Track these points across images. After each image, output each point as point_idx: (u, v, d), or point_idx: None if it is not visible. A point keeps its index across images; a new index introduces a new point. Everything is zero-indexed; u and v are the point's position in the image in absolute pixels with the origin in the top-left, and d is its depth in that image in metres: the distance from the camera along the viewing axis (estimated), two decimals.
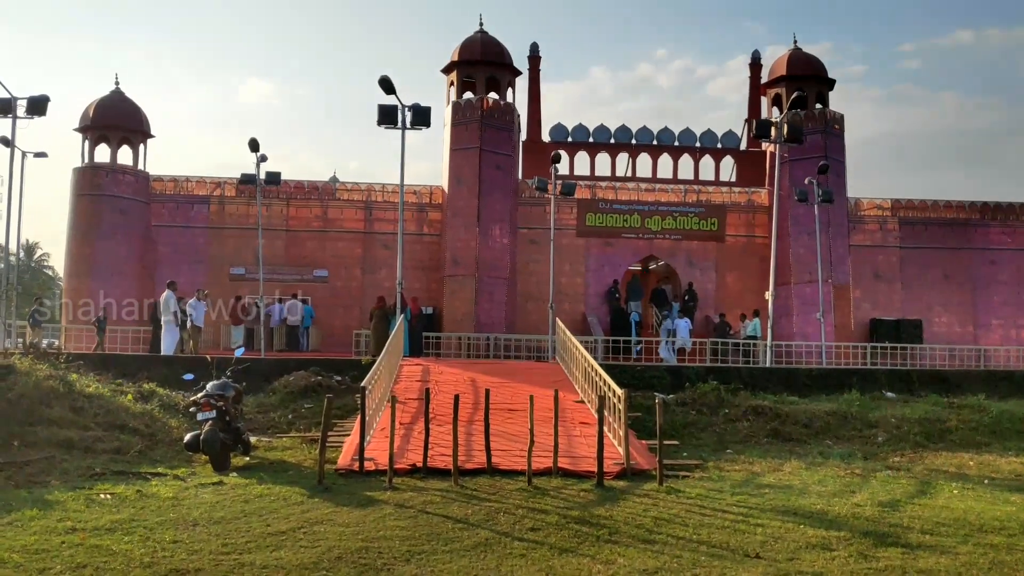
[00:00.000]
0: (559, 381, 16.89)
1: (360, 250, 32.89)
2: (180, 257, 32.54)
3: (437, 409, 14.35)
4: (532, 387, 16.18)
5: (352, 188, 33.24)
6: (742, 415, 16.56)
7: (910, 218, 34.73)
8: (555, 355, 19.40)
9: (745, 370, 20.24)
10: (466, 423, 13.52)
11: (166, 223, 32.76)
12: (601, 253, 33.16)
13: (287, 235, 32.82)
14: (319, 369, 18.51)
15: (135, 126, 32.81)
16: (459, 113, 31.50)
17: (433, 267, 32.66)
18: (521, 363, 21.01)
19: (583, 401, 15.08)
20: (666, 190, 33.71)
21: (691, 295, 32.58)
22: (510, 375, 17.33)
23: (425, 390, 11.77)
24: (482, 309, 30.93)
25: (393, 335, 16.76)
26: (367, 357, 17.49)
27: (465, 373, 17.49)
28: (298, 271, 32.70)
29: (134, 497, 9.43)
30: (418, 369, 18.04)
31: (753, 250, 33.84)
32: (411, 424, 13.51)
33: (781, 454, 14.03)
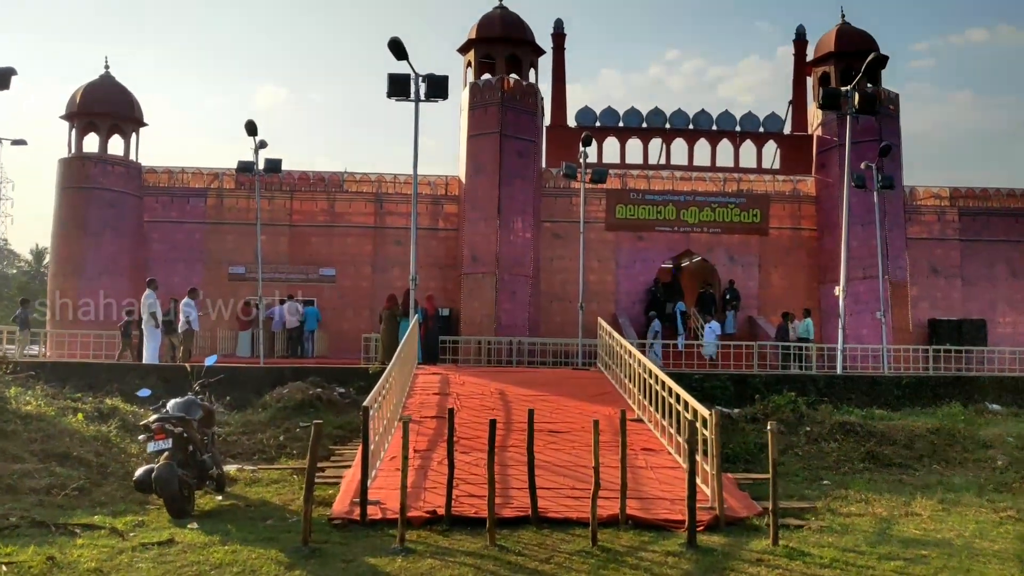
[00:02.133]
0: (606, 394, 14.07)
1: (370, 247, 30.20)
2: (175, 255, 29.98)
3: (461, 431, 11.54)
4: (575, 401, 13.38)
5: (361, 179, 30.53)
6: (828, 434, 13.67)
7: (971, 208, 31.71)
8: (596, 362, 16.61)
9: (822, 378, 17.31)
10: (499, 450, 10.71)
11: (160, 218, 30.22)
12: (632, 248, 30.34)
13: (291, 231, 30.18)
14: (319, 379, 15.76)
15: (126, 113, 30.24)
16: (477, 95, 28.75)
17: (449, 264, 29.92)
18: (557, 371, 18.19)
19: (641, 420, 12.24)
20: (703, 179, 30.84)
21: (732, 294, 29.74)
22: (546, 387, 14.51)
23: (448, 409, 8.96)
24: (503, 310, 28.14)
25: (405, 340, 13.98)
26: (375, 365, 14.79)
27: (491, 384, 14.69)
28: (303, 270, 30.04)
29: (40, 570, 6.65)
30: (435, 379, 15.24)
31: (799, 244, 30.96)
32: (429, 451, 10.71)
33: (892, 486, 11.18)
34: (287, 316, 27.78)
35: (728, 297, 29.74)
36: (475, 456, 10.46)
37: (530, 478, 8.36)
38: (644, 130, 31.23)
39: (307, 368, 16.65)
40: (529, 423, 8.45)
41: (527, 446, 8.49)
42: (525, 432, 11.25)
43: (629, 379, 13.31)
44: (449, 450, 8.38)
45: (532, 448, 8.46)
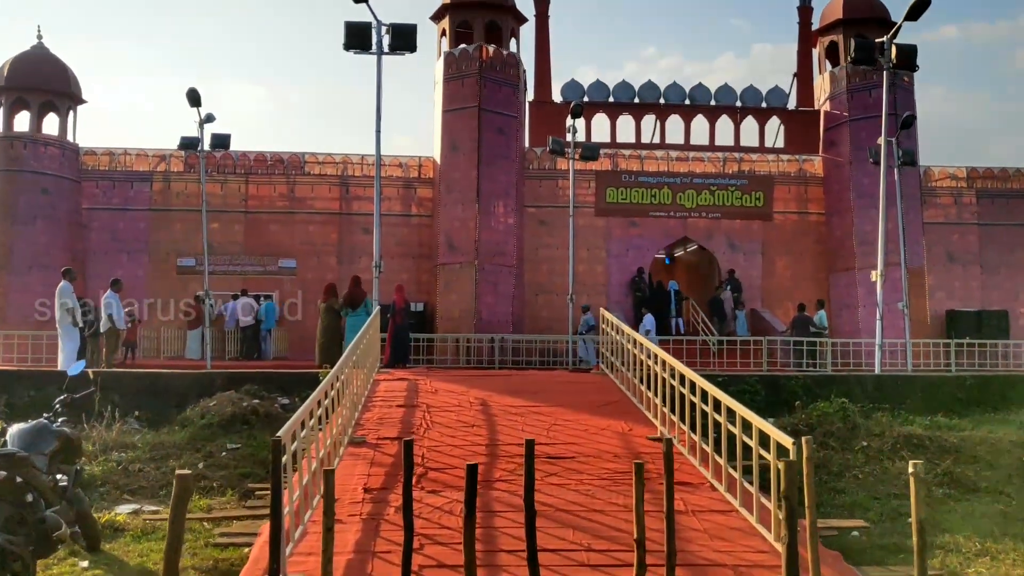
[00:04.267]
0: (614, 404, 11.25)
1: (335, 235, 27.26)
2: (117, 246, 26.91)
3: (431, 458, 8.69)
4: (577, 414, 10.55)
5: (324, 160, 27.55)
6: (890, 450, 10.99)
7: (989, 190, 29.17)
8: (599, 362, 13.80)
9: (870, 380, 14.57)
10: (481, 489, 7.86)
11: (100, 205, 27.13)
12: (625, 235, 27.56)
13: (246, 218, 27.17)
14: (257, 388, 12.84)
15: (61, 88, 27.06)
16: (453, 66, 25.86)
17: (423, 254, 27.04)
18: (550, 375, 15.31)
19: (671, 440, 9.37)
20: (702, 159, 28.12)
21: (734, 285, 27.02)
22: (538, 395, 11.67)
23: (405, 442, 6.09)
24: (484, 304, 25.30)
25: (360, 337, 11.06)
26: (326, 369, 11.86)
27: (470, 392, 11.82)
28: (260, 261, 27.04)
29: None
30: (401, 387, 12.35)
31: (806, 229, 28.33)
32: (385, 491, 7.85)
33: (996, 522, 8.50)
34: (240, 313, 24.86)
35: (729, 288, 27.01)
36: (449, 498, 7.62)
37: (529, 548, 5.51)
38: (636, 106, 28.47)
39: (245, 374, 13.71)
40: (527, 461, 5.58)
41: (525, 495, 5.64)
42: (516, 461, 8.43)
43: (647, 384, 10.48)
44: (406, 504, 5.51)
45: (532, 501, 5.60)
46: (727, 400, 7.49)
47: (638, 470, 5.25)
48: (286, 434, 6.14)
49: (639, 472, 5.24)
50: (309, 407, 7.41)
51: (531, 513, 5.48)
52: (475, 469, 5.13)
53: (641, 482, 5.25)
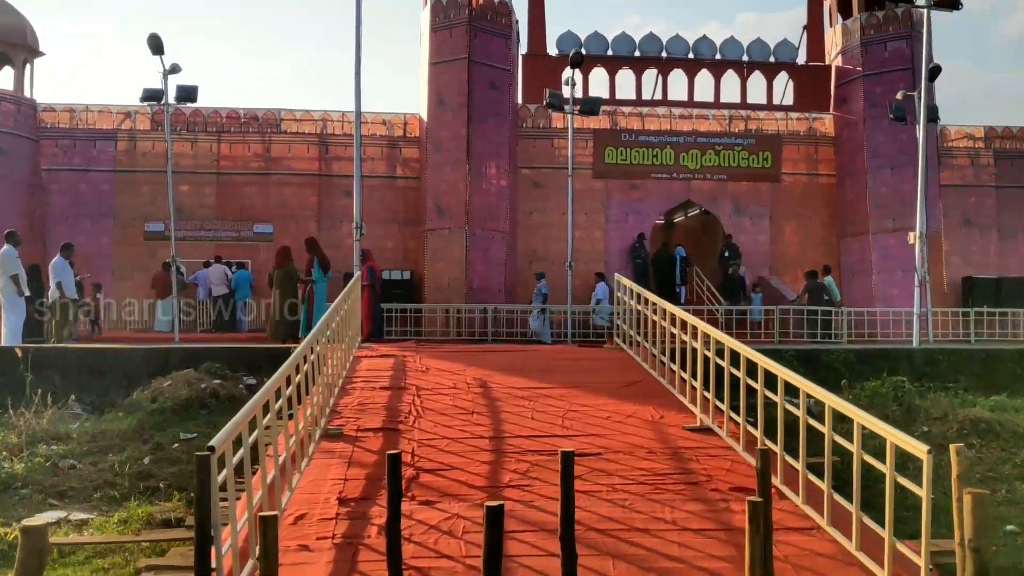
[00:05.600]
0: (637, 384, 9.61)
1: (315, 198, 25.40)
2: (79, 210, 24.93)
3: (422, 457, 7.05)
4: (596, 397, 8.93)
5: (302, 118, 25.61)
6: (956, 435, 9.41)
7: (1008, 151, 27.57)
8: (615, 335, 12.14)
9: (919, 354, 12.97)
10: (490, 495, 6.24)
11: (60, 165, 25.10)
12: (624, 199, 25.84)
13: (218, 180, 25.24)
14: (220, 366, 11.13)
15: (16, 40, 24.95)
16: (440, 14, 23.91)
17: (410, 219, 25.24)
18: (556, 349, 13.63)
19: (710, 429, 7.77)
20: (706, 117, 26.36)
21: (731, 250, 25.34)
22: (546, 374, 10.03)
23: (389, 456, 4.44)
24: (475, 272, 23.58)
25: (338, 305, 9.33)
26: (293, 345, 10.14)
27: (467, 371, 10.17)
28: (234, 226, 25.17)
29: None
30: (386, 364, 10.66)
31: (816, 192, 26.71)
32: (365, 502, 6.19)
33: None
34: (212, 282, 23.07)
35: (727, 255, 25.34)
36: (446, 511, 5.96)
37: None
38: (637, 59, 26.65)
39: (205, 350, 11.98)
40: (565, 487, 3.90)
41: (562, 531, 3.97)
42: (528, 459, 6.79)
43: (677, 362, 8.83)
44: (391, 545, 3.83)
45: (571, 537, 3.93)
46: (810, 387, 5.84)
47: (753, 511, 3.58)
48: (224, 442, 4.44)
49: (755, 513, 3.57)
50: (267, 395, 5.72)
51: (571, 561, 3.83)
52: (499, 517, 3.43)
53: (758, 529, 3.59)
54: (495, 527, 3.30)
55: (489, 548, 3.25)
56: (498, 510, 3.35)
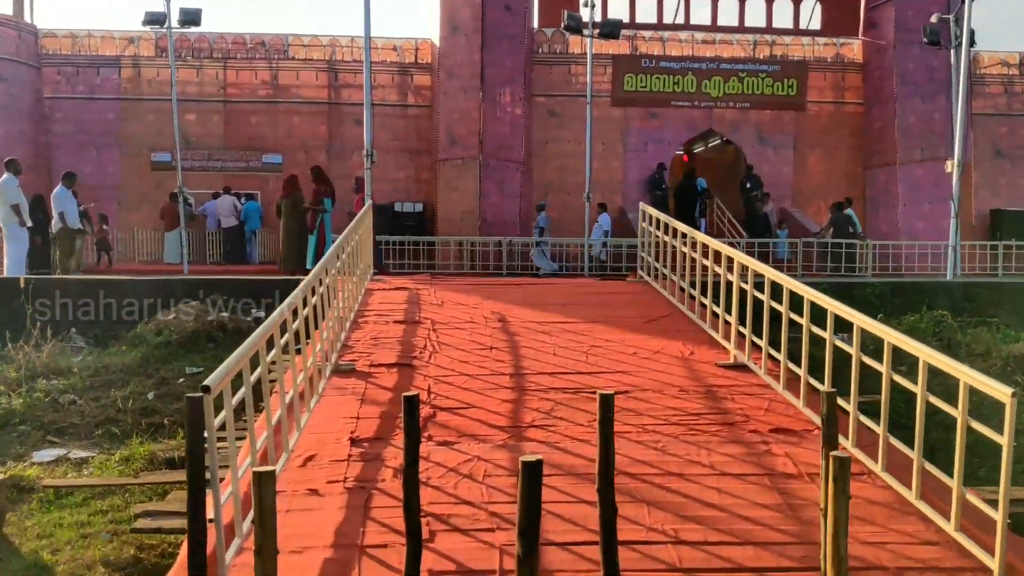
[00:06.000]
0: (665, 318, 9.13)
1: (324, 127, 24.68)
2: (84, 139, 24.30)
3: (439, 395, 6.64)
4: (621, 332, 8.49)
5: (310, 43, 24.75)
6: (1002, 373, 8.95)
7: None
8: (639, 268, 11.60)
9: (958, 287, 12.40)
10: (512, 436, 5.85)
11: (63, 94, 24.43)
12: (644, 128, 25.00)
13: (225, 108, 24.52)
14: (229, 297, 10.72)
15: None
16: None
17: (421, 149, 24.54)
18: (577, 283, 13.12)
19: (745, 366, 7.30)
20: (730, 42, 25.33)
21: (752, 181, 24.57)
22: (567, 308, 9.56)
23: (407, 398, 4.02)
24: (489, 204, 22.97)
25: (349, 234, 8.82)
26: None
27: (484, 304, 9.71)
28: (242, 156, 24.55)
29: None
30: (400, 297, 10.21)
31: (842, 121, 25.79)
32: (380, 442, 5.78)
33: None
34: (222, 213, 22.60)
35: (748, 187, 24.59)
36: (466, 453, 5.55)
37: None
38: None
39: (212, 281, 11.56)
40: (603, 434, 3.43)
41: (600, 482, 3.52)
42: (552, 397, 6.37)
43: (709, 295, 8.31)
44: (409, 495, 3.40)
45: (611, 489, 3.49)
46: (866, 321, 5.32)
47: (839, 469, 3.08)
48: (222, 381, 3.99)
49: (841, 471, 3.08)
50: (271, 329, 5.26)
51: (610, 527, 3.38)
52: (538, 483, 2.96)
53: (843, 488, 3.11)
54: (533, 483, 2.84)
55: (528, 508, 2.79)
56: (536, 466, 2.88)
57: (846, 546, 3.17)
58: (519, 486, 2.84)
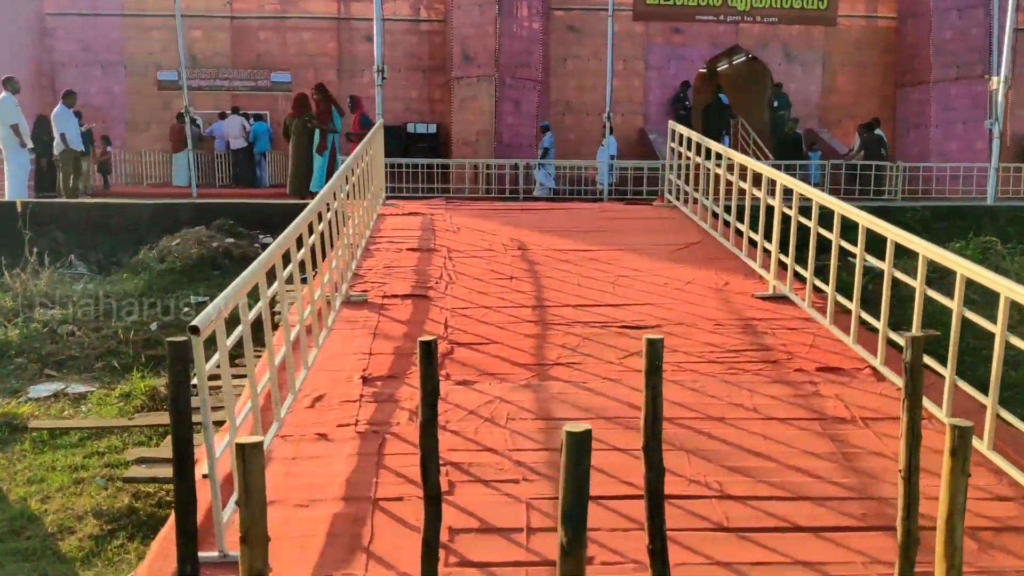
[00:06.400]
0: (697, 246, 8.59)
1: (334, 44, 23.77)
2: (88, 57, 23.48)
3: (457, 328, 6.22)
4: (650, 261, 7.96)
5: None
6: None
7: None
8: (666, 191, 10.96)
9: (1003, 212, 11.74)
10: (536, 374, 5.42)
11: (65, 10, 23.51)
12: (667, 44, 23.94)
13: (232, 25, 23.59)
14: (235, 222, 10.23)
15: None
16: None
17: (435, 67, 23.64)
18: (600, 208, 12.54)
19: (786, 297, 6.80)
20: None
21: (780, 100, 23.61)
22: (591, 234, 9.03)
23: (423, 344, 3.69)
24: (505, 124, 22.16)
25: (359, 155, 8.26)
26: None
27: (502, 231, 9.20)
28: (250, 75, 23.71)
29: None
30: (414, 223, 9.69)
31: (874, 38, 24.61)
32: (394, 380, 5.34)
33: None
34: (230, 134, 21.95)
35: (776, 105, 23.63)
36: (487, 394, 5.13)
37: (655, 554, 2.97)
38: None
39: (217, 206, 11.07)
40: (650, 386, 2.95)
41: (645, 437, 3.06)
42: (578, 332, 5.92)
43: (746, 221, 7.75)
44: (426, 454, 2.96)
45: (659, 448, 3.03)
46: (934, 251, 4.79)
47: (959, 440, 2.59)
48: (214, 320, 3.52)
49: (961, 442, 2.59)
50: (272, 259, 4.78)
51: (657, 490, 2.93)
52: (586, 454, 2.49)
53: (962, 467, 2.63)
54: (581, 457, 2.37)
55: (574, 487, 2.33)
56: (583, 439, 2.40)
57: (961, 535, 2.70)
58: (563, 460, 2.39)
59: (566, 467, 2.33)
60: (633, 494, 3.99)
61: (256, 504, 2.13)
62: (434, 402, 3.00)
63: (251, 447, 2.09)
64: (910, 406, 3.02)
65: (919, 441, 3.02)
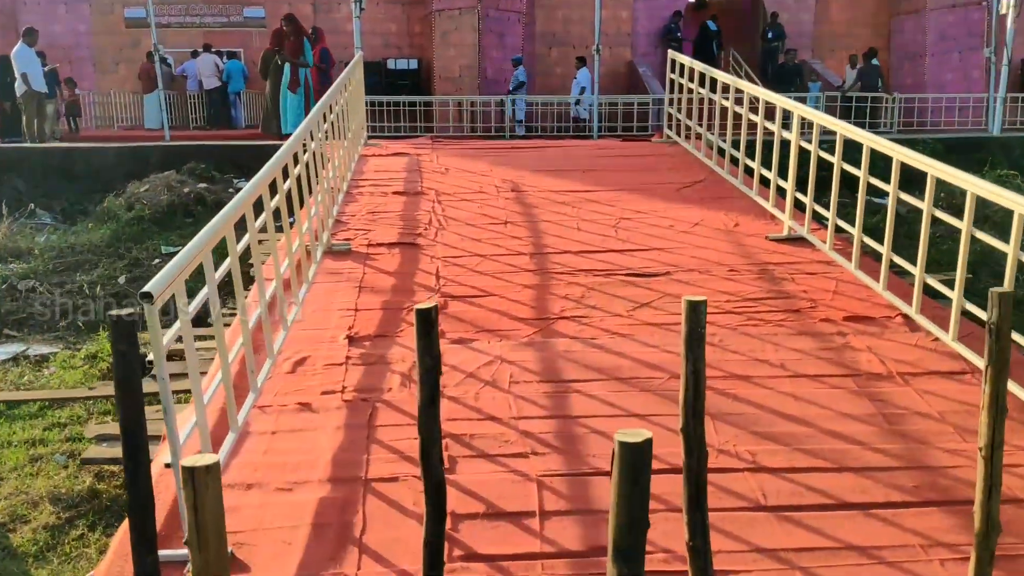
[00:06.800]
0: (703, 185, 8.05)
1: None
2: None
3: (449, 278, 5.72)
4: (653, 201, 7.43)
5: None
6: None
7: None
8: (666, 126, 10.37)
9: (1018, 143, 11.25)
10: (539, 330, 4.94)
11: None
12: None
13: None
14: (208, 166, 9.60)
15: None
16: None
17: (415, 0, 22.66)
18: (596, 146, 11.88)
19: (803, 238, 6.31)
20: None
21: (776, 31, 22.81)
22: (589, 173, 8.48)
23: (419, 314, 3.27)
24: (489, 59, 21.33)
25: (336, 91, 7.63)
26: None
27: (494, 171, 8.63)
28: (222, 10, 22.64)
29: None
30: (398, 164, 9.10)
31: None
32: (384, 339, 4.85)
33: None
34: (203, 74, 21.02)
35: (770, 36, 22.83)
36: (486, 353, 4.67)
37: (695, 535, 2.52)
38: None
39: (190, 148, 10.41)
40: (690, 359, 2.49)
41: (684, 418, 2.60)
42: (582, 281, 5.45)
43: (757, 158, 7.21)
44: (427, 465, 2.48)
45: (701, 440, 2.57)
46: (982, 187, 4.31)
47: None
48: (171, 282, 3.01)
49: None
50: (241, 208, 4.23)
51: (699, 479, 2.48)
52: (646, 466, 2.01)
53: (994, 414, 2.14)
54: (638, 475, 1.88)
55: (629, 516, 1.84)
56: (640, 451, 1.92)
57: None
58: (614, 478, 1.91)
59: (618, 487, 1.86)
60: (657, 468, 3.56)
61: (213, 547, 1.65)
62: (435, 380, 2.52)
63: (203, 471, 1.60)
64: (994, 375, 2.57)
65: (1004, 415, 2.57)
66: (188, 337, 3.29)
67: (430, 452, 2.51)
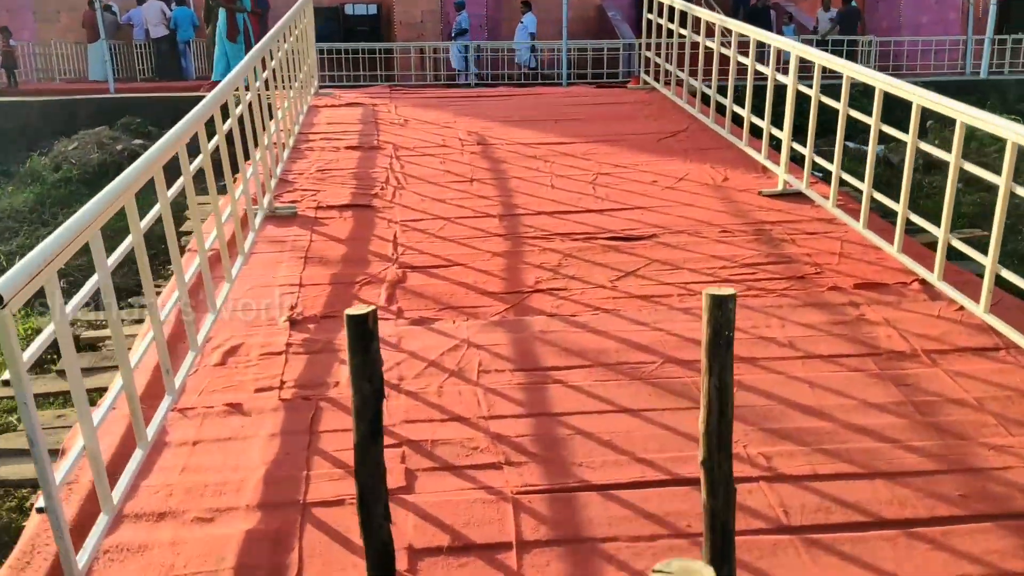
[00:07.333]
0: (686, 135, 7.38)
1: None
2: None
3: (408, 246, 5.05)
4: (633, 154, 6.80)
5: None
6: None
7: None
8: (642, 71, 9.62)
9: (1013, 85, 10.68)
10: (513, 305, 4.28)
11: None
12: None
13: None
14: (144, 120, 8.76)
15: None
16: None
17: None
18: (568, 92, 11.05)
19: (801, 193, 5.71)
20: None
21: None
22: (562, 123, 7.78)
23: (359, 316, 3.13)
24: (452, 4, 20.36)
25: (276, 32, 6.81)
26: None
27: (458, 122, 7.90)
28: None
29: None
30: (352, 116, 8.32)
31: None
32: (332, 320, 4.18)
33: None
34: (149, 22, 19.84)
35: None
36: (448, 331, 4.04)
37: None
38: None
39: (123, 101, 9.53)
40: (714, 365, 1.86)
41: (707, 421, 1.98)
42: (559, 248, 4.81)
43: (748, 106, 6.55)
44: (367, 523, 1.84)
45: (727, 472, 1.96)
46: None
47: None
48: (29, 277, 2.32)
49: None
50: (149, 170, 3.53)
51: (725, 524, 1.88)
52: None
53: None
54: None
55: None
56: None
57: None
58: None
59: None
60: (657, 479, 2.97)
61: None
62: (376, 409, 1.88)
63: None
64: None
65: None
66: (68, 346, 2.60)
67: (372, 505, 1.89)
